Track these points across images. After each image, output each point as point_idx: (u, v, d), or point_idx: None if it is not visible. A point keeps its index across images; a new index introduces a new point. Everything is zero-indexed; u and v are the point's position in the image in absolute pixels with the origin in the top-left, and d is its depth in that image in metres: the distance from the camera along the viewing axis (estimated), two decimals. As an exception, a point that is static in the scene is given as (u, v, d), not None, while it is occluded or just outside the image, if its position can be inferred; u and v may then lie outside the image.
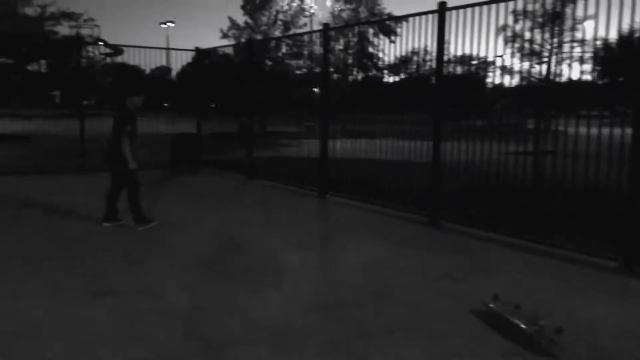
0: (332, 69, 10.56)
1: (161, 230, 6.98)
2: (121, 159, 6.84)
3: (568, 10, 9.13)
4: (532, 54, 7.45)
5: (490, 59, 7.94)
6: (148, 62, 15.17)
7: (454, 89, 9.77)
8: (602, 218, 5.97)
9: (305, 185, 10.28)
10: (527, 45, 7.32)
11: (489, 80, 9.63)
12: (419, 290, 4.95)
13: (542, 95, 9.05)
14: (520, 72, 8.27)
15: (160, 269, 5.52)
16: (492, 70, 9.44)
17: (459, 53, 7.83)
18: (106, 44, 14.98)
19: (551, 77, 9.98)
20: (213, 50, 13.99)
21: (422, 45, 8.19)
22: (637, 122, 5.50)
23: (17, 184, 10.52)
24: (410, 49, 8.49)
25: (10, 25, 20.48)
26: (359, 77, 13.38)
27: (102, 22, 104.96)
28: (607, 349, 3.78)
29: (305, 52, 10.98)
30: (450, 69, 9.17)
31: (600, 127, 5.92)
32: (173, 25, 53.11)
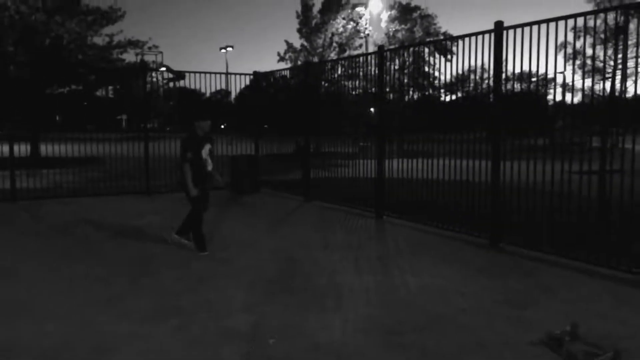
0: (387, 89, 10.60)
1: (224, 249, 7.17)
2: (185, 184, 6.99)
3: (632, 25, 8.84)
4: (595, 71, 7.25)
5: (550, 75, 7.79)
6: (208, 86, 15.66)
7: (513, 107, 9.62)
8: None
9: (362, 207, 10.31)
10: (589, 61, 7.14)
11: (549, 97, 9.44)
12: (481, 316, 4.88)
13: (607, 113, 8.79)
14: (582, 89, 8.07)
15: (225, 288, 5.67)
16: (552, 87, 9.25)
17: (518, 70, 7.73)
18: (169, 70, 15.59)
19: (616, 93, 9.67)
20: (270, 73, 14.33)
21: (479, 63, 8.14)
22: None
23: (92, 204, 11.06)
24: (466, 67, 8.44)
25: (80, 54, 21.64)
26: (416, 96, 13.36)
27: (165, 49, 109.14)
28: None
29: (361, 74, 11.05)
30: (509, 87, 9.05)
31: None
32: (232, 49, 54.41)
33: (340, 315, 4.91)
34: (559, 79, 8.18)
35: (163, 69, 15.86)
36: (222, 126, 19.51)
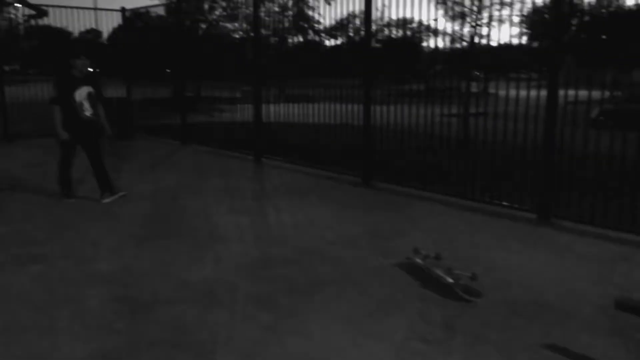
0: (267, 33, 10.43)
1: (94, 195, 6.84)
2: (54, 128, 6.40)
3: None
4: (461, 17, 7.61)
5: (425, 22, 8.05)
6: (76, 24, 14.53)
7: (386, 53, 9.88)
8: (525, 174, 6.28)
9: (241, 150, 10.24)
10: (455, 7, 7.47)
11: (424, 44, 9.73)
12: (347, 248, 5.10)
13: (470, 58, 9.31)
14: (450, 35, 8.45)
15: (93, 235, 5.44)
16: (426, 34, 9.54)
17: (394, 17, 7.91)
18: (26, 4, 14.14)
19: (477, 39, 10.26)
20: (145, 12, 13.51)
21: (357, 9, 8.22)
22: (552, 84, 5.75)
23: None
24: (346, 12, 8.51)
25: None
26: (297, 40, 13.26)
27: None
28: (522, 295, 4.04)
29: (240, 15, 10.75)
30: (384, 33, 9.25)
31: (528, 89, 6.10)
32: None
33: (212, 254, 4.91)
34: (433, 26, 8.48)
35: (18, 4, 14.35)
36: (91, 70, 18.25)
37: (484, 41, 9.63)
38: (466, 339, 3.38)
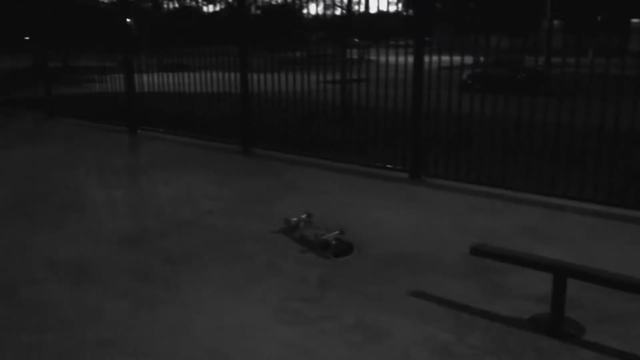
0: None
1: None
2: None
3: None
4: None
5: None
6: None
7: (265, 20, 9.76)
8: (398, 137, 6.56)
9: (115, 122, 9.74)
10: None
11: (304, 11, 9.72)
12: (227, 216, 5.08)
13: (349, 26, 9.44)
14: (329, 2, 8.50)
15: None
16: (306, 1, 9.50)
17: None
18: None
19: (355, 7, 10.42)
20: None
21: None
22: (418, 51, 6.02)
23: None
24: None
25: None
26: (172, 6, 12.68)
27: None
28: (393, 249, 4.26)
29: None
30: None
31: (406, 56, 6.30)
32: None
33: (81, 231, 4.68)
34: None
35: None
36: None
37: (362, 8, 9.82)
38: (340, 294, 3.51)
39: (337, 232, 4.28)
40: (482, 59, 7.04)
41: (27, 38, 11.82)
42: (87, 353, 2.89)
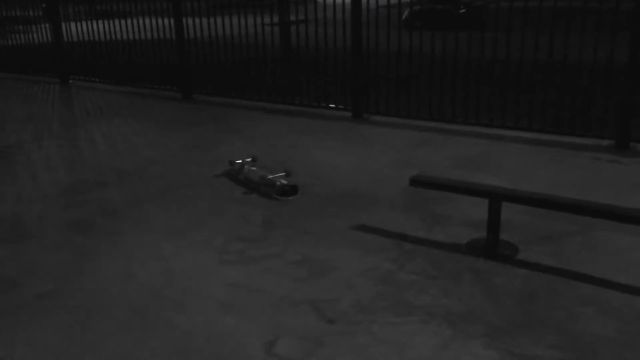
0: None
1: None
2: None
3: None
4: None
5: None
6: None
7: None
8: (339, 77, 6.52)
9: (44, 73, 9.26)
10: None
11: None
12: (168, 163, 4.97)
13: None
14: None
15: None
16: None
17: None
18: None
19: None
20: None
21: None
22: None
23: None
24: None
25: None
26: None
27: None
28: (336, 187, 4.30)
29: None
30: None
31: None
32: None
33: (15, 187, 4.49)
34: None
35: None
36: None
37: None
38: (284, 233, 3.54)
39: (282, 173, 4.27)
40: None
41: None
42: (28, 307, 2.83)
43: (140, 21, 7.93)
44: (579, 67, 5.06)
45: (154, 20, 7.77)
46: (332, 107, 6.53)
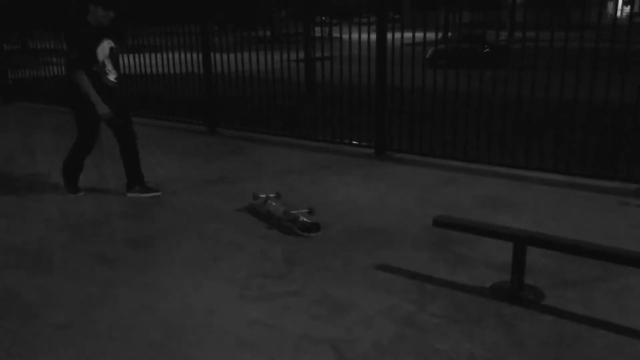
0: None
1: None
2: (81, 101, 4.61)
3: None
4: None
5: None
6: None
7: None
8: (363, 113, 6.55)
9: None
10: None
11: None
12: (192, 196, 5.01)
13: (314, 4, 9.35)
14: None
15: None
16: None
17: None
18: None
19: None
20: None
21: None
22: (381, 27, 6.00)
23: None
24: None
25: None
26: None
27: None
28: (358, 224, 4.27)
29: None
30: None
31: (369, 33, 6.23)
32: None
33: (41, 216, 4.57)
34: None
35: None
36: None
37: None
38: (305, 269, 3.52)
39: (305, 210, 4.26)
40: (445, 34, 7.06)
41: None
42: (45, 337, 2.84)
43: (170, 55, 8.11)
44: (606, 108, 5.02)
45: (183, 55, 7.93)
46: (355, 144, 6.55)
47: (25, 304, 3.16)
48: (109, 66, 4.68)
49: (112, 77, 4.71)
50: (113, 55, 4.71)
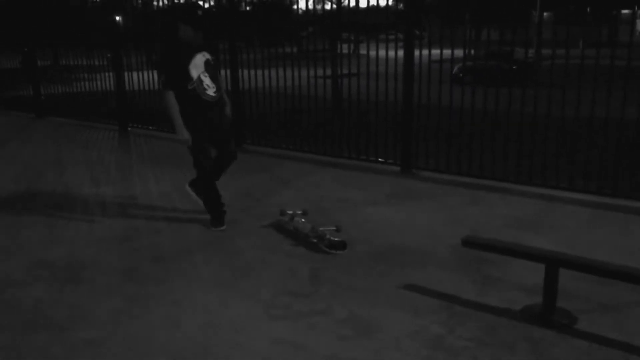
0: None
1: None
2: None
3: None
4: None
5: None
6: None
7: (255, 16, 9.68)
8: (391, 130, 6.54)
9: (105, 120, 9.67)
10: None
11: (294, 6, 9.62)
12: (218, 211, 5.03)
13: (340, 20, 9.40)
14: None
15: None
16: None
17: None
18: None
19: (346, 1, 10.35)
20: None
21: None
22: (408, 44, 6.00)
23: None
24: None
25: None
26: (162, 3, 12.57)
27: None
28: (385, 243, 4.24)
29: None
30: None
31: (396, 49, 6.23)
32: None
33: (71, 231, 4.63)
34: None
35: None
36: None
37: (352, 3, 9.76)
38: (331, 288, 3.49)
39: (332, 228, 4.25)
40: (472, 51, 7.02)
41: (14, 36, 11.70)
42: (76, 353, 2.86)
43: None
44: (638, 126, 4.92)
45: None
46: (380, 161, 6.52)
47: (56, 319, 3.20)
48: (207, 81, 4.38)
49: (210, 91, 4.40)
50: (209, 69, 4.42)
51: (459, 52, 6.03)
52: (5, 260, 4.03)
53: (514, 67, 7.94)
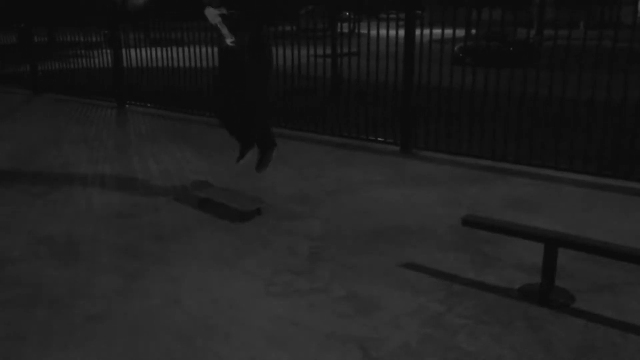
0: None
1: None
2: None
3: None
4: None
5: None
6: None
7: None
8: (389, 110, 6.52)
9: (102, 97, 9.61)
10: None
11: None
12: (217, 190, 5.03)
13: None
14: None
15: None
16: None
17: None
18: None
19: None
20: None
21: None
22: (409, 23, 5.95)
23: None
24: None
25: None
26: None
27: None
28: (384, 222, 4.24)
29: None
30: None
31: (397, 29, 6.18)
32: None
33: (69, 207, 4.63)
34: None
35: None
36: None
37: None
38: (331, 267, 3.50)
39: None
40: (473, 31, 6.95)
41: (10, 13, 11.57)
42: (76, 329, 2.87)
43: (195, 50, 8.16)
44: (639, 107, 4.91)
45: (210, 49, 7.95)
46: (380, 141, 6.51)
47: (55, 295, 3.21)
48: (224, 30, 4.33)
49: (228, 40, 4.36)
50: (226, 21, 4.34)
51: (460, 33, 5.98)
52: (4, 237, 4.03)
53: (515, 48, 7.89)
